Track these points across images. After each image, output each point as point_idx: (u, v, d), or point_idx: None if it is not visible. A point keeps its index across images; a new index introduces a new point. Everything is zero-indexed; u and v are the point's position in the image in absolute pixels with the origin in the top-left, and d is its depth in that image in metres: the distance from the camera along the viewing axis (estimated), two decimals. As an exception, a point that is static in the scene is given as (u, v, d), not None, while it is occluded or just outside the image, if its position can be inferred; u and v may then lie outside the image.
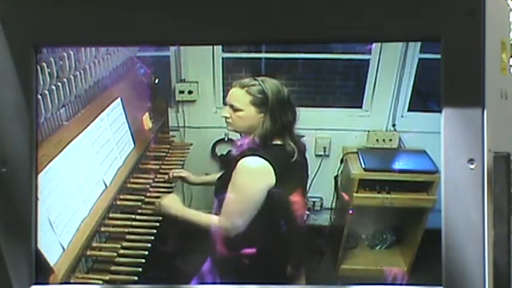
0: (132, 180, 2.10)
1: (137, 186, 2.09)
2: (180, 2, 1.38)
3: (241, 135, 1.95)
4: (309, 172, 1.93)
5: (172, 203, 1.97)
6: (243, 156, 1.86)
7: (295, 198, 1.90)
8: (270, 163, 1.83)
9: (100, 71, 2.00)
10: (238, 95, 1.89)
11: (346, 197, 2.06)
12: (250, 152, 1.86)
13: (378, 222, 2.05)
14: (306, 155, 1.91)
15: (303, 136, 1.90)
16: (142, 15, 1.39)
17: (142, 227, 1.94)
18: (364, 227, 2.06)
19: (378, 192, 1.99)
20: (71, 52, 1.76)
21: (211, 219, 1.88)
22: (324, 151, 2.12)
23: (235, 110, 1.90)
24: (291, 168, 1.89)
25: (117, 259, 1.85)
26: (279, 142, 1.87)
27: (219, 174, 1.99)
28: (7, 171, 1.40)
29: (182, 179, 2.09)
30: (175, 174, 2.09)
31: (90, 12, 1.40)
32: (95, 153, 1.96)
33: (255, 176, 1.85)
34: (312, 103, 2.09)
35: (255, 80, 1.89)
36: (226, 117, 1.92)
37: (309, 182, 1.96)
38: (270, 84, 1.89)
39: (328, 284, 1.78)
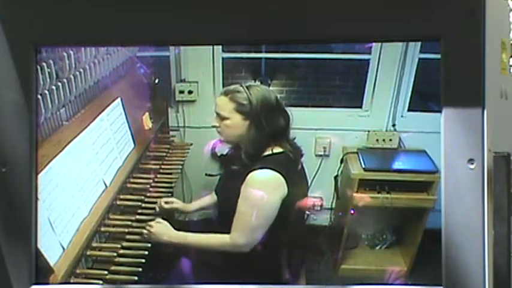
0: (132, 180, 2.10)
1: (137, 186, 2.09)
2: (180, 2, 1.38)
3: (231, 145, 1.93)
4: (307, 176, 1.92)
5: (163, 230, 1.87)
6: (249, 169, 1.82)
7: (301, 204, 1.90)
8: (280, 173, 1.81)
9: (100, 71, 2.00)
10: (223, 103, 1.87)
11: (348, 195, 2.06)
12: (257, 164, 1.82)
13: (378, 222, 2.05)
14: (302, 160, 1.90)
15: (294, 138, 1.88)
16: (142, 15, 1.39)
17: (142, 227, 1.94)
18: (364, 227, 2.06)
19: (378, 192, 1.99)
20: (71, 52, 1.76)
21: (218, 239, 1.83)
22: (324, 151, 2.12)
23: (222, 118, 1.87)
24: (298, 176, 1.87)
25: (117, 259, 1.85)
26: (280, 150, 1.86)
27: (213, 194, 1.97)
28: (7, 171, 1.40)
29: (175, 210, 2.01)
30: (166, 206, 1.99)
31: (90, 12, 1.40)
32: (95, 153, 1.96)
33: (269, 188, 1.81)
34: (312, 103, 2.08)
35: (241, 86, 1.86)
36: (216, 127, 1.90)
37: (309, 182, 1.96)
38: (256, 90, 1.86)
39: (328, 284, 1.78)
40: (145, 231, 1.88)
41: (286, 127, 1.86)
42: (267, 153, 1.85)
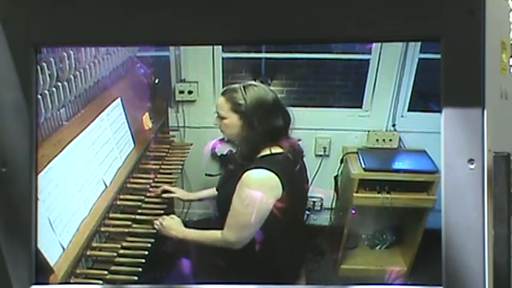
0: (132, 180, 2.10)
1: (137, 186, 2.09)
2: (180, 2, 1.38)
3: (235, 144, 1.94)
4: (308, 176, 1.92)
5: (174, 225, 1.92)
6: (246, 168, 1.82)
7: (298, 204, 1.90)
8: (275, 174, 1.81)
9: (100, 71, 2.00)
10: (221, 103, 1.88)
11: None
12: (253, 163, 1.82)
13: (378, 222, 2.05)
14: (304, 160, 1.90)
15: (300, 140, 1.88)
16: (142, 15, 1.39)
17: (142, 227, 1.94)
18: (364, 227, 2.06)
19: (378, 192, 1.99)
20: (71, 52, 1.76)
21: (211, 235, 1.86)
22: (324, 151, 2.12)
23: (221, 118, 1.89)
24: (295, 177, 1.87)
25: (117, 259, 1.85)
26: (279, 150, 1.86)
27: (215, 188, 1.98)
28: (7, 171, 1.40)
29: (176, 199, 2.05)
30: (165, 195, 2.04)
31: (90, 12, 1.40)
32: (95, 153, 1.96)
33: (263, 188, 1.81)
34: (312, 103, 2.09)
35: (238, 86, 1.87)
36: (218, 126, 1.91)
37: (309, 182, 1.96)
38: (252, 90, 1.86)
39: (328, 284, 1.78)
40: (157, 222, 1.91)
41: (284, 127, 1.85)
42: (265, 153, 1.85)
